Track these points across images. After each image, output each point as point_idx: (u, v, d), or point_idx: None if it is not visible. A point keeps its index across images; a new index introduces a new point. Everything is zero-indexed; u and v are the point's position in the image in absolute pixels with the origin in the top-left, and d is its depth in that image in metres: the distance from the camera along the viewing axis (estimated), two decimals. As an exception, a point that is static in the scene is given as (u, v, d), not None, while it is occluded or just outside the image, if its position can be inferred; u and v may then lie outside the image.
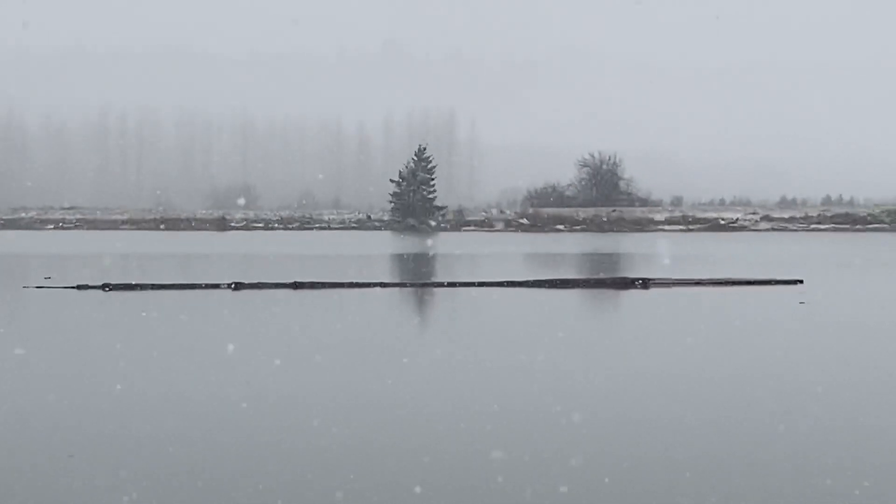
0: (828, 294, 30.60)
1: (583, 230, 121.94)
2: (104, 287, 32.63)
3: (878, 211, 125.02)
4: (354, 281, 34.62)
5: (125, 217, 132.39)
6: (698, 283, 33.32)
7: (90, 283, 33.22)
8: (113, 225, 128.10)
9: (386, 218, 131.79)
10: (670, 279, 33.66)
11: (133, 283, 33.36)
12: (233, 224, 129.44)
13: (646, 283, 32.90)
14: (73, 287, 32.95)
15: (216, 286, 33.26)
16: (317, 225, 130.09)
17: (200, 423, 12.95)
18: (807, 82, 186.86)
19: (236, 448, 11.53)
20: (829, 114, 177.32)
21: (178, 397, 14.56)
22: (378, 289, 33.69)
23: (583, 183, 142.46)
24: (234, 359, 18.39)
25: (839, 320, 24.89)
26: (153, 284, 33.39)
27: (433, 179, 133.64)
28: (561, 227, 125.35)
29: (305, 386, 15.55)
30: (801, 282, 33.27)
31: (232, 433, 12.27)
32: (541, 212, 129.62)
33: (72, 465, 10.97)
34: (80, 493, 10.03)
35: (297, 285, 33.33)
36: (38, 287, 33.24)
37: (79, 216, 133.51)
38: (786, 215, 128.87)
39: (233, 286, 33.19)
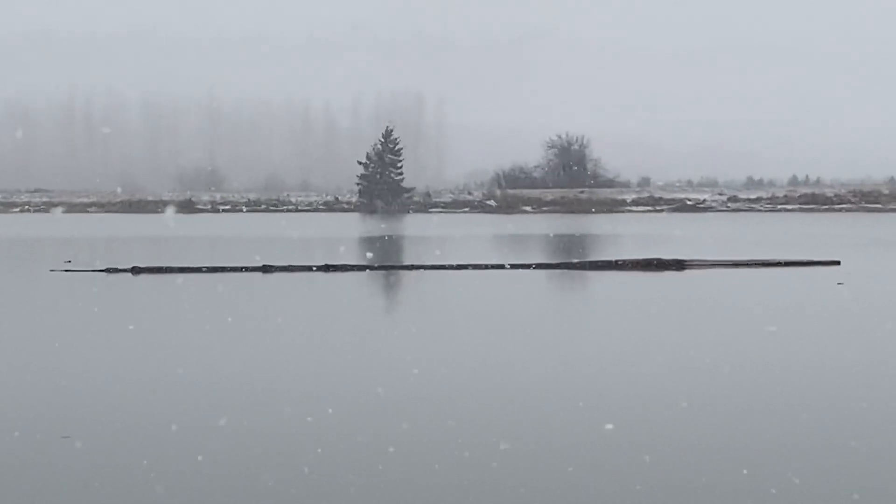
0: (866, 275, 30.74)
1: (551, 211, 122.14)
2: (133, 270, 32.41)
3: (844, 191, 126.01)
4: (383, 263, 34.60)
5: (91, 200, 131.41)
6: (734, 264, 33.30)
7: (119, 267, 33.01)
8: (79, 208, 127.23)
9: (353, 200, 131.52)
10: (706, 260, 33.66)
11: (163, 266, 33.13)
12: (199, 207, 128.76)
13: (680, 265, 32.88)
14: (101, 270, 32.73)
15: (246, 269, 33.10)
16: (284, 207, 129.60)
17: (214, 407, 12.96)
18: (773, 64, 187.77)
19: (238, 432, 11.55)
20: (794, 94, 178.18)
21: (196, 381, 14.63)
22: (404, 271, 33.66)
23: (551, 164, 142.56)
24: (263, 341, 18.33)
25: (881, 301, 25.02)
26: (183, 267, 33.20)
27: (400, 161, 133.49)
28: (528, 208, 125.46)
29: (335, 371, 15.40)
30: (839, 263, 33.31)
31: (238, 417, 12.26)
32: (508, 193, 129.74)
33: (66, 445, 11.01)
34: (69, 474, 10.06)
35: (328, 267, 33.20)
36: (65, 271, 32.99)
37: (45, 199, 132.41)
38: (753, 196, 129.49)
39: (262, 268, 33.02)
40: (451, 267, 34.05)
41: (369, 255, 43.17)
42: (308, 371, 15.56)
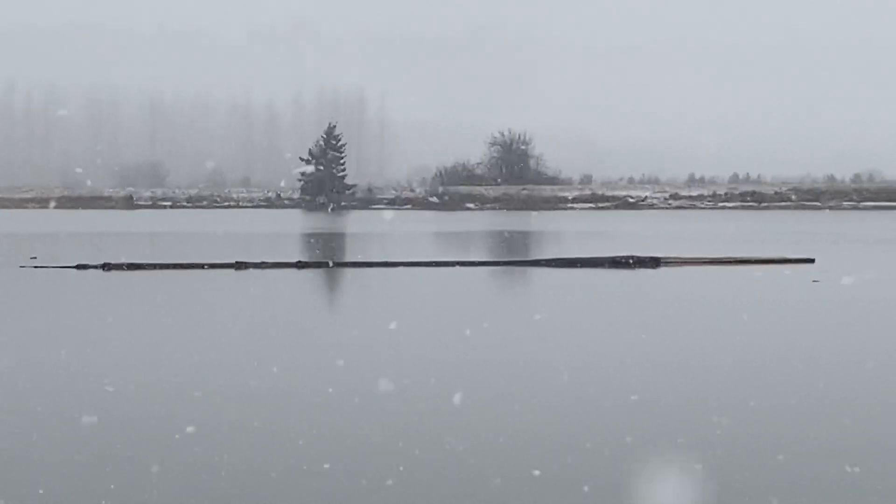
0: (840, 272, 30.84)
1: (494, 208, 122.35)
2: (104, 266, 32.01)
3: (784, 189, 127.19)
4: (357, 260, 34.43)
5: (30, 195, 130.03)
6: (709, 261, 33.39)
7: (89, 263, 32.58)
8: (18, 203, 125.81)
9: (296, 196, 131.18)
10: (681, 258, 33.71)
11: (134, 262, 32.71)
12: (139, 202, 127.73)
13: (655, 262, 32.91)
14: (72, 267, 32.29)
15: (219, 265, 32.78)
16: (226, 203, 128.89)
17: (175, 406, 12.82)
18: (714, 61, 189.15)
19: (215, 430, 11.43)
20: (735, 92, 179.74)
21: (175, 378, 14.45)
22: (377, 268, 33.42)
23: (493, 161, 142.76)
24: (242, 338, 18.16)
25: (856, 298, 25.12)
26: (155, 264, 32.82)
27: (343, 158, 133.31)
28: (472, 205, 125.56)
29: (311, 369, 15.25)
30: (813, 260, 33.47)
31: (216, 415, 12.15)
32: (451, 190, 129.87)
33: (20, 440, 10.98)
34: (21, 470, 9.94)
35: (301, 265, 32.98)
36: (35, 267, 32.55)
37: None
38: (694, 193, 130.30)
39: (235, 265, 32.70)
40: (423, 264, 33.92)
41: (334, 251, 42.98)
42: (292, 366, 15.35)
